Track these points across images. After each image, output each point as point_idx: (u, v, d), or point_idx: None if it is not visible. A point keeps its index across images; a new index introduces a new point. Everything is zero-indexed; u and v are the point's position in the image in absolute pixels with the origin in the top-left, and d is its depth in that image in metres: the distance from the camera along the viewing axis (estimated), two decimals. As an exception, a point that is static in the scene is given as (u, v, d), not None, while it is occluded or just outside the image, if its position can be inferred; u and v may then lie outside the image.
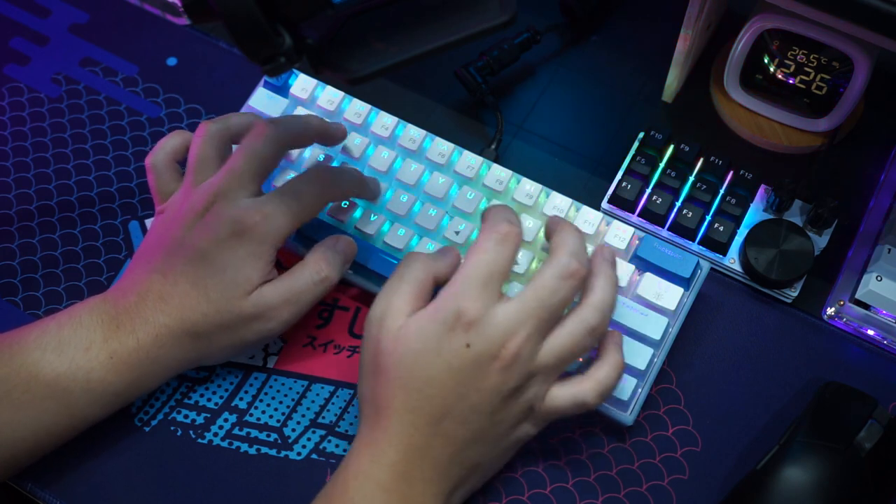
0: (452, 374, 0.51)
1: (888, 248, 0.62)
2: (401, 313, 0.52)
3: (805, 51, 0.65)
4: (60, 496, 0.58)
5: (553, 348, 0.52)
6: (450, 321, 0.51)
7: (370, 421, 0.52)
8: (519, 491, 0.58)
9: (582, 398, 0.53)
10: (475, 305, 0.51)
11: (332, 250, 0.58)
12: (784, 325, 0.62)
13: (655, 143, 0.66)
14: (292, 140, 0.59)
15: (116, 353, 0.55)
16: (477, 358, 0.51)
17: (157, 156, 0.61)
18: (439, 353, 0.51)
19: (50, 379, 0.54)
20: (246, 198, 0.56)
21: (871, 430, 0.55)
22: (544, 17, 0.73)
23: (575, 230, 0.55)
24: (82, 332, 0.55)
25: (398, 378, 0.51)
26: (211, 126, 0.59)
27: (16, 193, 0.68)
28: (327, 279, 0.58)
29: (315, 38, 0.48)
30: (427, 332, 0.51)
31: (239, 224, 0.55)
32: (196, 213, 0.56)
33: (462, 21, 0.47)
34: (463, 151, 0.65)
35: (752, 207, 0.65)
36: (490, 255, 0.52)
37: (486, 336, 0.51)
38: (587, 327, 0.53)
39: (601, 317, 0.53)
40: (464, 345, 0.51)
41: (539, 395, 0.53)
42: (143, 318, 0.55)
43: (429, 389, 0.51)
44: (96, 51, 0.74)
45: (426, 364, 0.51)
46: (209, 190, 0.56)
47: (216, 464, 0.59)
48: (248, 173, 0.57)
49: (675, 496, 0.58)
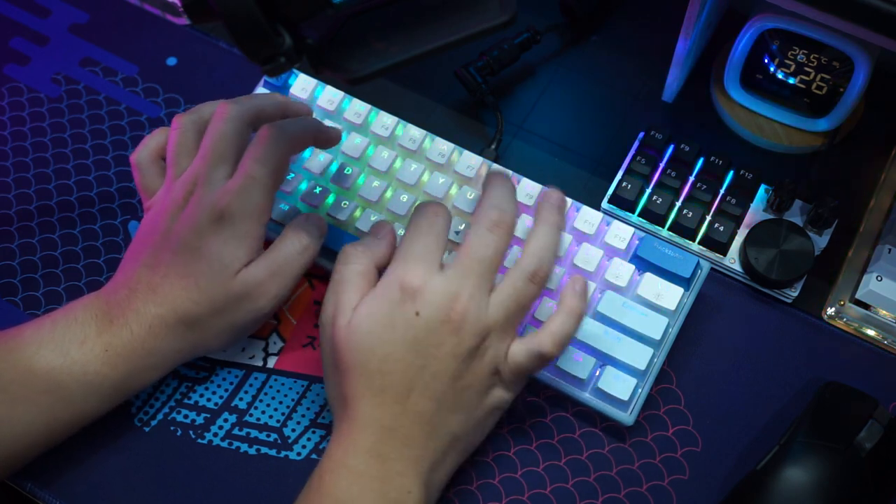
0: (408, 345, 0.51)
1: (888, 248, 0.62)
2: (349, 308, 0.53)
3: (805, 51, 0.65)
4: (60, 496, 0.58)
5: (499, 301, 0.53)
6: (396, 296, 0.52)
7: (340, 415, 0.53)
8: (519, 491, 0.58)
9: (538, 349, 0.53)
10: (417, 275, 0.52)
11: (307, 222, 0.59)
12: (784, 325, 0.62)
13: (655, 143, 0.66)
14: (253, 113, 0.59)
15: (111, 345, 0.55)
16: (427, 324, 0.51)
17: (140, 154, 0.62)
18: (392, 327, 0.52)
19: (46, 373, 0.54)
20: (222, 180, 0.57)
21: (871, 430, 0.55)
22: (544, 17, 0.73)
23: (500, 181, 0.56)
24: (77, 328, 0.55)
25: (357, 365, 0.52)
26: (184, 118, 0.60)
27: (16, 193, 0.68)
28: (309, 247, 0.58)
29: (315, 38, 0.48)
30: (376, 312, 0.52)
31: (216, 209, 0.55)
32: (177, 204, 0.57)
33: (462, 21, 0.47)
34: (463, 151, 0.65)
35: (752, 207, 0.65)
36: (423, 227, 0.54)
37: (432, 302, 0.52)
38: (526, 274, 0.53)
39: (538, 261, 0.54)
40: (413, 314, 0.52)
41: (499, 354, 0.53)
42: (136, 310, 0.56)
43: (387, 366, 0.51)
44: (96, 51, 0.74)
45: (381, 342, 0.52)
46: (187, 180, 0.57)
47: (216, 464, 0.59)
48: (218, 154, 0.57)
49: (675, 496, 0.58)
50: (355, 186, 0.65)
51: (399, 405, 0.51)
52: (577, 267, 0.61)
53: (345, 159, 0.66)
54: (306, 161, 0.65)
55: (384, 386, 0.52)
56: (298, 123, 0.60)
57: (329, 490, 0.51)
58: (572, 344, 0.59)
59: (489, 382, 0.54)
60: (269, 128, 0.58)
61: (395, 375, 0.51)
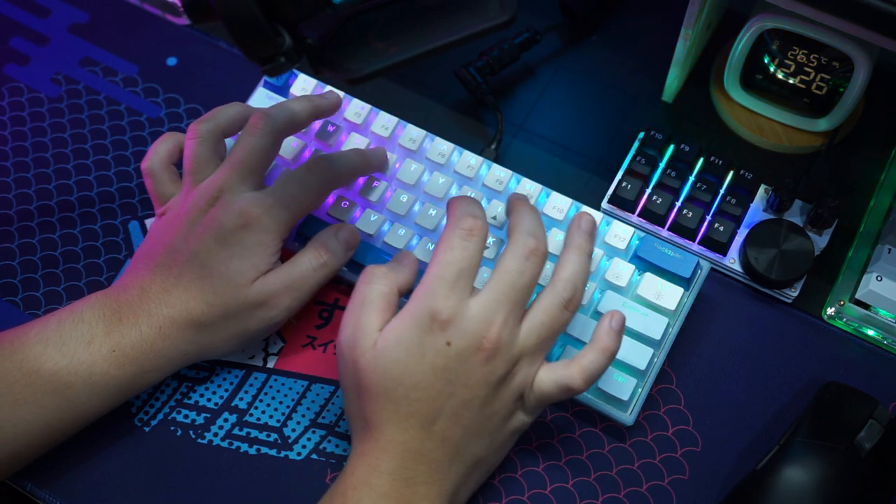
0: (437, 374, 0.51)
1: (888, 248, 0.62)
2: (372, 330, 0.52)
3: (805, 51, 0.65)
4: (60, 496, 0.58)
5: (531, 328, 0.52)
6: (426, 324, 0.51)
7: (362, 434, 0.52)
8: (519, 491, 0.58)
9: (567, 383, 0.53)
10: (449, 303, 0.51)
11: (333, 238, 0.59)
12: (784, 325, 0.62)
13: (655, 143, 0.66)
14: (287, 127, 0.60)
15: (119, 346, 0.55)
16: (460, 354, 0.51)
17: (152, 161, 0.62)
18: (422, 356, 0.51)
19: (51, 373, 0.54)
20: (248, 191, 0.57)
21: (871, 430, 0.55)
22: (544, 17, 0.73)
23: (529, 208, 0.56)
24: (83, 327, 0.55)
25: (383, 391, 0.51)
26: (201, 126, 0.60)
27: (16, 193, 0.68)
28: (326, 265, 0.58)
29: (315, 38, 0.48)
30: (405, 339, 0.51)
31: (244, 216, 0.55)
32: (199, 209, 0.57)
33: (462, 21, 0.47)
34: (463, 151, 0.65)
35: (752, 207, 0.65)
36: (456, 252, 0.52)
37: (464, 330, 0.51)
38: (559, 301, 0.53)
39: (572, 288, 0.53)
40: (444, 343, 0.51)
41: (527, 381, 0.53)
42: (147, 310, 0.55)
43: (416, 394, 0.51)
44: (96, 51, 0.74)
45: (410, 370, 0.51)
46: (212, 186, 0.57)
47: (216, 464, 0.59)
48: (248, 167, 0.57)
49: (675, 496, 0.58)
50: (355, 186, 0.65)
51: (425, 431, 0.51)
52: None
53: (345, 159, 0.66)
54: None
55: (411, 412, 0.51)
56: (349, 158, 0.61)
57: None
58: (572, 344, 0.59)
59: (514, 407, 0.53)
60: (323, 159, 0.59)
61: (423, 403, 0.51)
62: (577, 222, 0.56)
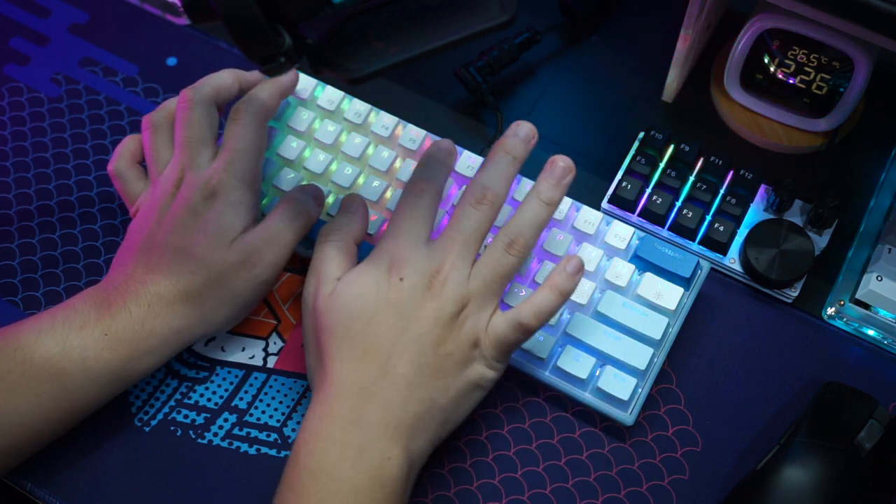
0: (391, 308, 0.53)
1: (888, 248, 0.62)
2: (332, 278, 0.55)
3: (805, 51, 0.65)
4: (60, 496, 0.58)
5: (478, 270, 0.55)
6: (384, 265, 0.54)
7: (318, 383, 0.54)
8: (519, 491, 0.58)
9: (518, 320, 0.54)
10: (404, 248, 0.54)
11: (301, 192, 0.61)
12: (784, 325, 0.62)
13: (655, 143, 0.66)
14: (214, 94, 0.62)
15: (110, 329, 0.55)
16: (411, 289, 0.53)
17: (118, 163, 0.63)
18: (377, 292, 0.53)
19: (45, 360, 0.54)
20: (207, 163, 0.59)
21: (871, 430, 0.55)
22: (544, 17, 0.73)
23: (497, 161, 0.56)
24: (75, 315, 0.56)
25: (340, 328, 0.53)
26: (153, 116, 0.63)
27: (16, 193, 0.68)
28: (299, 215, 0.59)
29: (315, 38, 0.48)
30: (363, 279, 0.54)
31: (207, 186, 0.58)
32: (168, 194, 0.59)
33: (462, 21, 0.47)
34: (463, 151, 0.65)
35: (752, 207, 0.65)
36: (409, 205, 0.56)
37: (416, 269, 0.54)
38: (502, 244, 0.55)
39: (515, 231, 0.55)
40: (398, 279, 0.54)
41: (480, 324, 0.54)
42: (134, 291, 0.56)
43: (370, 329, 0.53)
44: (96, 51, 0.74)
45: (365, 305, 0.53)
46: (173, 170, 0.60)
47: (216, 464, 0.59)
48: (196, 141, 0.60)
49: (675, 496, 0.58)
50: (355, 186, 0.65)
51: (379, 367, 0.52)
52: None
53: (344, 159, 0.66)
54: (306, 160, 0.66)
55: (365, 349, 0.52)
56: (262, 90, 0.63)
57: (306, 461, 0.51)
58: (572, 344, 0.59)
59: (470, 354, 0.54)
60: (239, 102, 0.61)
61: (378, 337, 0.53)
62: (548, 167, 0.57)
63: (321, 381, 0.53)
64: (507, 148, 0.56)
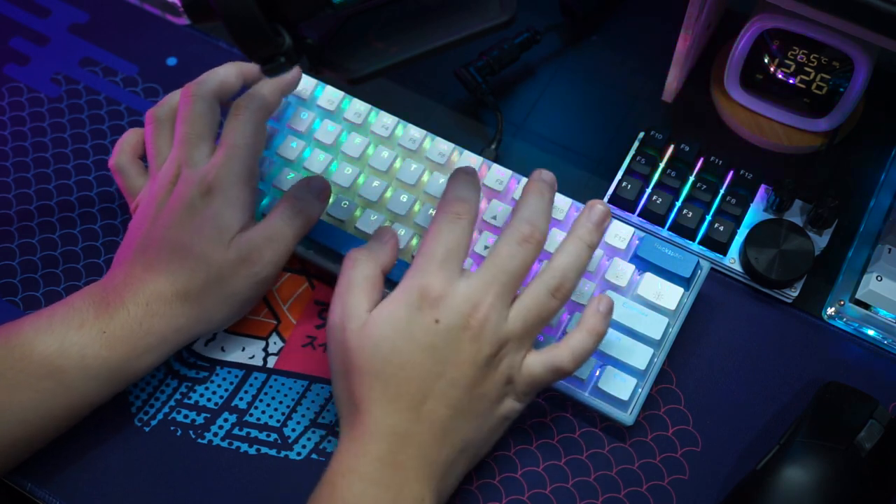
0: (426, 352, 0.51)
1: (888, 248, 0.62)
2: (361, 311, 0.53)
3: (805, 51, 0.65)
4: (60, 496, 0.58)
5: (518, 312, 0.53)
6: (416, 301, 0.52)
7: (350, 419, 0.53)
8: (519, 491, 0.58)
9: (555, 363, 0.53)
10: (438, 282, 0.52)
11: (304, 188, 0.60)
12: (784, 325, 0.62)
13: (655, 143, 0.66)
14: (218, 88, 0.62)
15: (108, 327, 0.55)
16: (448, 331, 0.51)
17: (119, 158, 0.63)
18: (410, 333, 0.51)
19: (43, 357, 0.54)
20: (204, 158, 0.59)
21: (871, 430, 0.55)
22: (544, 17, 0.73)
23: (537, 194, 0.55)
24: (74, 313, 0.55)
25: (372, 370, 0.51)
26: (156, 111, 0.62)
27: (16, 193, 0.68)
28: (301, 213, 0.59)
29: (315, 38, 0.48)
30: (395, 318, 0.52)
31: (204, 182, 0.57)
32: (165, 189, 0.59)
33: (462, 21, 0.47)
34: (463, 151, 0.65)
35: (752, 207, 0.65)
36: (444, 234, 0.53)
37: (453, 308, 0.51)
38: (547, 288, 0.53)
39: (560, 276, 0.53)
40: (433, 321, 0.51)
41: (515, 364, 0.53)
42: (132, 290, 0.56)
43: (404, 373, 0.51)
44: (96, 51, 0.74)
45: (399, 348, 0.51)
46: (170, 165, 0.59)
47: (216, 464, 0.59)
48: (196, 136, 0.59)
49: (675, 496, 0.58)
50: (355, 186, 0.65)
51: (413, 412, 0.51)
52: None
53: (345, 159, 0.66)
54: (306, 160, 0.65)
55: (399, 393, 0.51)
56: (263, 86, 0.62)
57: (341, 494, 0.50)
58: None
59: (503, 392, 0.53)
60: (240, 98, 0.60)
61: (413, 382, 0.51)
62: (587, 211, 0.56)
63: (353, 419, 0.52)
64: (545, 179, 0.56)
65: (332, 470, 0.52)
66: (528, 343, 0.54)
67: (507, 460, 0.59)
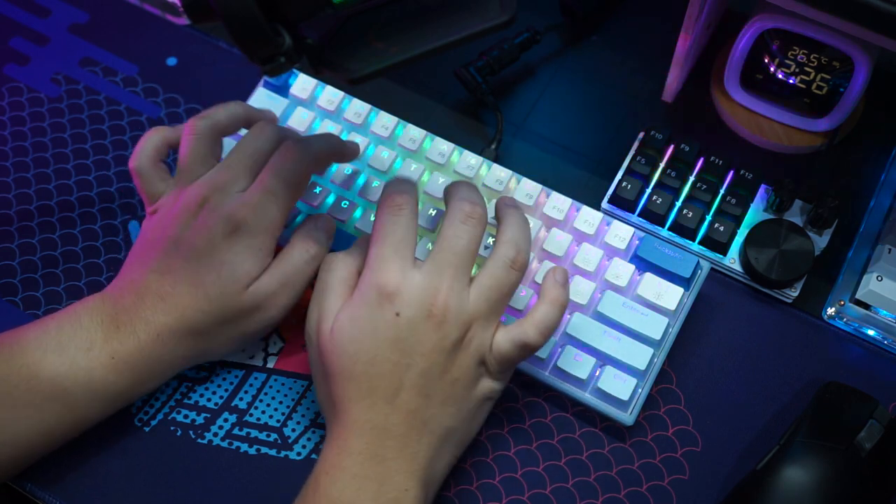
0: (391, 346, 0.51)
1: (888, 248, 0.62)
2: (331, 313, 0.53)
3: (805, 51, 0.65)
4: (60, 496, 0.58)
5: (480, 291, 0.53)
6: (374, 299, 0.52)
7: (331, 419, 0.53)
8: (519, 491, 0.58)
9: (522, 338, 0.53)
10: (392, 276, 0.52)
11: (315, 228, 0.59)
12: (784, 325, 0.62)
13: (655, 143, 0.66)
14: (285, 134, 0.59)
15: (118, 353, 0.55)
16: (409, 323, 0.52)
17: (140, 159, 0.60)
18: (374, 330, 0.52)
19: (50, 379, 0.54)
20: (239, 190, 0.56)
21: (871, 430, 0.55)
22: (544, 17, 0.73)
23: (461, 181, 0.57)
24: (82, 333, 0.55)
25: (343, 370, 0.52)
26: (200, 123, 0.59)
27: (16, 193, 0.68)
28: (317, 256, 0.58)
29: (315, 38, 0.48)
30: (357, 317, 0.52)
31: (231, 221, 0.55)
32: (190, 211, 0.56)
33: (462, 21, 0.47)
34: (463, 151, 0.65)
35: (753, 207, 0.65)
36: (388, 227, 0.53)
37: (411, 299, 0.52)
38: (504, 262, 0.54)
39: (515, 248, 0.54)
40: (393, 315, 0.52)
41: (485, 343, 0.53)
42: (144, 318, 0.55)
43: (374, 369, 0.51)
44: (96, 51, 0.74)
45: (365, 347, 0.52)
46: (202, 188, 0.57)
47: (216, 464, 0.59)
48: (245, 169, 0.57)
49: (675, 496, 0.58)
50: (355, 186, 0.65)
51: (389, 405, 0.51)
52: (577, 267, 0.61)
53: (345, 159, 0.66)
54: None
55: (372, 388, 0.52)
56: (322, 140, 0.60)
57: (326, 491, 0.51)
58: (572, 344, 0.59)
59: (476, 373, 0.54)
60: (294, 143, 0.58)
61: (383, 377, 0.52)
62: (502, 201, 0.58)
63: (334, 417, 0.53)
64: None
65: (318, 467, 0.52)
66: (495, 320, 0.54)
67: (507, 460, 0.59)
